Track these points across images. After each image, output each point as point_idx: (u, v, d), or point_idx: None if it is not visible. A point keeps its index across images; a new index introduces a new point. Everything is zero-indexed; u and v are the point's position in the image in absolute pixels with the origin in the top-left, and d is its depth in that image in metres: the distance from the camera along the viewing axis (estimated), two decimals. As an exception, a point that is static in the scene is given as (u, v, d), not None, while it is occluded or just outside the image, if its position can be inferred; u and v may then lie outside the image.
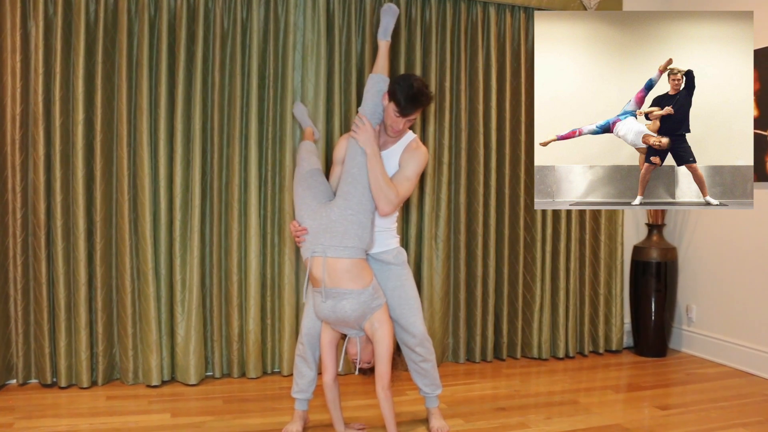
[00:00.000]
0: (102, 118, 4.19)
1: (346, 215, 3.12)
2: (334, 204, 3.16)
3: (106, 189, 4.24)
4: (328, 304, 3.12)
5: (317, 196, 3.23)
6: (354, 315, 3.11)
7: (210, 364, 4.51)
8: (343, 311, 3.10)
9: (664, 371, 4.83)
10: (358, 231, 3.12)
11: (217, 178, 4.40)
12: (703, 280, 5.21)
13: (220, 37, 4.34)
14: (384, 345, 3.11)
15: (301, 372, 3.47)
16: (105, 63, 4.19)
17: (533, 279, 5.05)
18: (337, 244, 3.09)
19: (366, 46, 4.58)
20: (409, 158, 3.24)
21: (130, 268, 4.26)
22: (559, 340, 5.12)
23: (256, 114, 4.39)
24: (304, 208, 3.21)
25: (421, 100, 3.10)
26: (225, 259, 4.45)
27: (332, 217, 3.12)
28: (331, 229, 3.11)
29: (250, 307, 4.45)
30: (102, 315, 4.25)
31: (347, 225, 3.10)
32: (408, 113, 3.12)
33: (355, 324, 3.15)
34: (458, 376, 4.62)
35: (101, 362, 4.27)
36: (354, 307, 3.09)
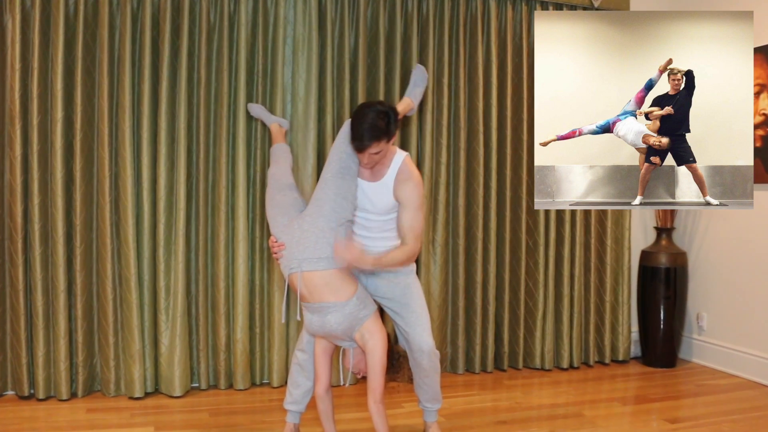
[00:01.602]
0: (82, 116, 4.18)
1: (318, 224, 3.11)
2: (306, 213, 3.18)
3: (86, 191, 4.23)
4: (315, 320, 3.13)
5: (287, 211, 3.25)
6: (341, 328, 3.10)
7: (195, 374, 4.50)
8: (329, 325, 3.10)
9: (673, 382, 4.83)
10: (330, 239, 3.09)
11: (203, 180, 4.39)
12: (715, 287, 5.20)
13: (207, 31, 4.34)
14: (376, 356, 3.10)
15: (296, 381, 3.46)
16: (85, 58, 4.18)
17: (536, 285, 5.04)
18: (309, 257, 3.08)
19: (360, 40, 4.59)
20: (404, 190, 3.22)
21: (111, 274, 4.24)
22: (563, 350, 5.11)
23: (244, 112, 4.39)
24: (277, 227, 3.24)
25: (375, 133, 3.05)
26: (211, 264, 4.44)
27: (304, 227, 3.13)
28: (302, 241, 3.10)
29: (238, 315, 4.44)
30: (82, 323, 4.23)
31: (318, 234, 3.09)
32: (363, 148, 3.07)
33: (345, 336, 3.14)
34: (457, 387, 4.62)
35: (81, 373, 4.25)
36: (339, 320, 3.09)
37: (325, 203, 3.15)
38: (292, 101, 4.52)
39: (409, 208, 3.21)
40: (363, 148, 3.07)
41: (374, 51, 4.64)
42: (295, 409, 3.50)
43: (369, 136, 3.04)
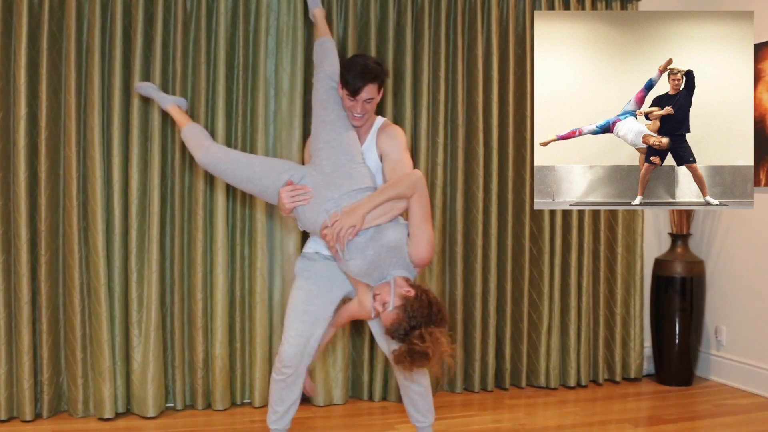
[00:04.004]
0: (47, 113, 4.17)
1: (341, 162, 3.20)
2: (319, 159, 3.24)
3: (51, 194, 4.22)
4: (367, 253, 3.08)
5: (285, 164, 3.35)
6: (396, 245, 3.09)
7: (171, 393, 4.49)
8: (385, 243, 3.07)
9: (689, 402, 4.82)
10: (361, 170, 3.21)
11: (179, 182, 4.38)
12: (735, 298, 5.19)
13: (183, 20, 4.33)
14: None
15: (281, 397, 3.43)
16: (51, 50, 4.17)
17: (540, 297, 5.03)
18: (348, 190, 3.13)
19: (349, 30, 4.58)
20: (387, 136, 3.38)
21: (79, 285, 4.24)
22: (570, 367, 5.10)
23: (223, 108, 4.38)
24: (283, 172, 3.28)
25: (368, 76, 3.25)
26: (188, 273, 4.44)
27: (326, 171, 3.18)
28: (332, 182, 3.15)
29: (217, 329, 4.43)
30: (47, 338, 4.21)
31: (348, 169, 3.18)
32: (358, 90, 3.25)
33: (387, 264, 3.10)
34: (454, 407, 4.61)
35: (46, 392, 4.23)
36: (399, 234, 3.10)
37: (340, 144, 3.24)
38: (275, 96, 4.53)
39: (394, 152, 3.34)
40: (357, 90, 3.24)
41: (365, 42, 4.62)
42: (281, 426, 3.47)
43: (363, 77, 3.24)
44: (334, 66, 3.49)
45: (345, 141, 3.28)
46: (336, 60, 3.54)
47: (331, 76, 3.45)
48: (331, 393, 4.61)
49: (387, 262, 3.08)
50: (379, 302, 3.03)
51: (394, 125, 3.47)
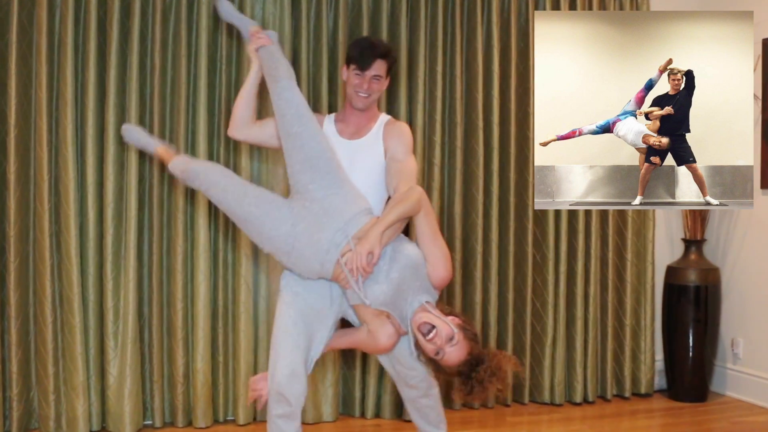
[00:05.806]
0: (17, 110, 4.18)
1: (330, 192, 3.05)
2: (303, 191, 3.07)
3: (21, 196, 4.23)
4: (392, 273, 2.95)
5: (276, 202, 3.13)
6: (418, 258, 3.00)
7: (149, 410, 4.49)
8: (407, 258, 2.97)
9: (704, 419, 4.82)
10: (355, 193, 3.10)
11: (157, 184, 4.40)
12: (753, 308, 5.18)
13: (162, 10, 4.35)
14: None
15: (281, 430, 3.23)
16: (20, 42, 4.17)
17: (544, 307, 5.03)
18: (350, 217, 3.02)
19: (339, 21, 4.60)
20: (394, 135, 3.34)
21: (51, 294, 4.24)
22: (576, 382, 5.09)
23: (205, 105, 4.40)
24: (271, 224, 3.07)
25: (379, 49, 3.28)
26: (167, 281, 4.46)
27: (317, 197, 3.03)
28: (327, 213, 3.02)
29: (198, 341, 4.45)
30: (17, 351, 4.21)
31: (342, 194, 3.06)
32: (367, 65, 3.24)
33: (413, 285, 2.99)
34: (453, 424, 4.54)
35: (16, 408, 4.23)
36: (416, 250, 3.02)
37: (327, 173, 3.08)
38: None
39: (400, 152, 3.29)
40: (367, 63, 3.24)
41: (356, 34, 4.61)
42: None
43: (374, 50, 3.27)
44: (290, 70, 3.30)
45: (325, 152, 3.14)
46: (289, 64, 3.35)
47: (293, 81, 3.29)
48: (320, 409, 4.60)
49: (410, 286, 2.97)
50: (438, 338, 2.85)
51: (401, 122, 3.49)
